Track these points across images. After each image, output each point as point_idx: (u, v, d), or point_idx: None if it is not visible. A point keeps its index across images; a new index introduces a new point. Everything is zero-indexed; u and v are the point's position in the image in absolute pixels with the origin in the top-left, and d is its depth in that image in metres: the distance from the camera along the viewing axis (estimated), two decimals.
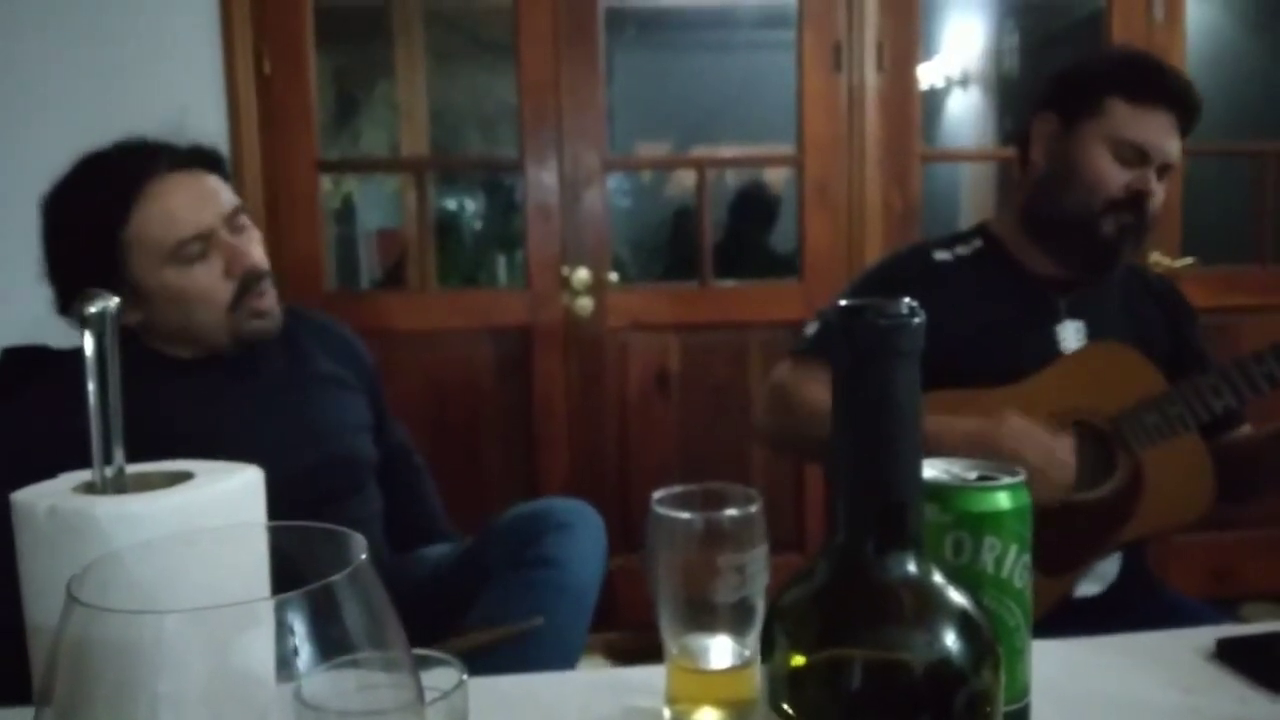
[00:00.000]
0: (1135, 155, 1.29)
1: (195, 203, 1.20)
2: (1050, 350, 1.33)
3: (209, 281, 1.20)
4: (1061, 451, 1.18)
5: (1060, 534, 1.22)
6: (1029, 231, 1.37)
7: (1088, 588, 1.31)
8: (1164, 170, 1.31)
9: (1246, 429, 1.35)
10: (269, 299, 1.25)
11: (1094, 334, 1.35)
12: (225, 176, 1.28)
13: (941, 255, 1.39)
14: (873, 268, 1.49)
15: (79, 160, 1.23)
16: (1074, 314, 1.34)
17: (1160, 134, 1.29)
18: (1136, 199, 1.29)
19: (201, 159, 1.25)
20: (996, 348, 1.29)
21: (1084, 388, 1.27)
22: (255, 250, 1.25)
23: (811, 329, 1.41)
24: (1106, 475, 1.26)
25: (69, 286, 1.21)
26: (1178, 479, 1.26)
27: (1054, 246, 1.35)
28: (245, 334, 1.24)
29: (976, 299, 1.33)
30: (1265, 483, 1.31)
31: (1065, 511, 1.23)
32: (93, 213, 1.19)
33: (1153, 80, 1.31)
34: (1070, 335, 1.34)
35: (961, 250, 1.40)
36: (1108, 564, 1.32)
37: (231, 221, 1.23)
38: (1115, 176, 1.29)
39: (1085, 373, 1.29)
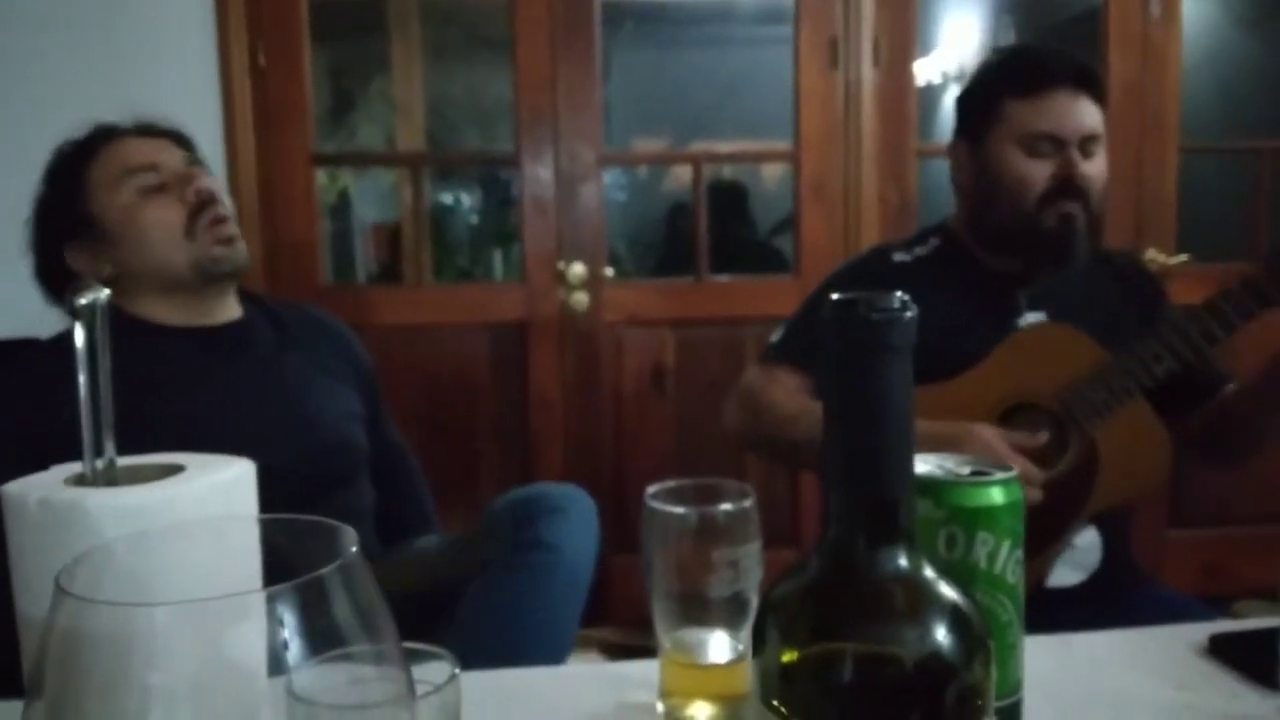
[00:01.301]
0: (1047, 143, 1.29)
1: (153, 147, 1.27)
2: None
3: (164, 209, 1.24)
4: (1024, 465, 1.16)
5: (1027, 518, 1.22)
6: (980, 242, 1.39)
7: (1069, 576, 1.31)
8: (1088, 144, 1.29)
9: (1232, 387, 1.34)
10: (229, 227, 1.27)
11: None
12: (186, 148, 1.33)
13: (900, 256, 1.41)
14: (833, 273, 1.50)
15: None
16: (1035, 306, 1.35)
17: (1064, 113, 1.28)
18: (1066, 184, 1.28)
19: (167, 133, 1.31)
20: (959, 345, 1.29)
21: (1028, 370, 1.27)
22: (214, 185, 1.28)
23: (778, 335, 1.43)
24: (1060, 454, 1.27)
25: (49, 252, 1.27)
26: (1132, 448, 1.26)
27: (1008, 252, 1.36)
28: (207, 263, 1.25)
29: (937, 298, 1.32)
30: (1249, 439, 1.31)
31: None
32: (62, 161, 1.27)
33: (1033, 67, 1.31)
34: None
35: (920, 250, 1.41)
36: (1088, 553, 1.32)
37: (186, 163, 1.29)
38: (1035, 171, 1.29)
39: (1027, 354, 1.29)
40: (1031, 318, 1.35)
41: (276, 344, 1.32)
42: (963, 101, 1.42)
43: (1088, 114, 1.30)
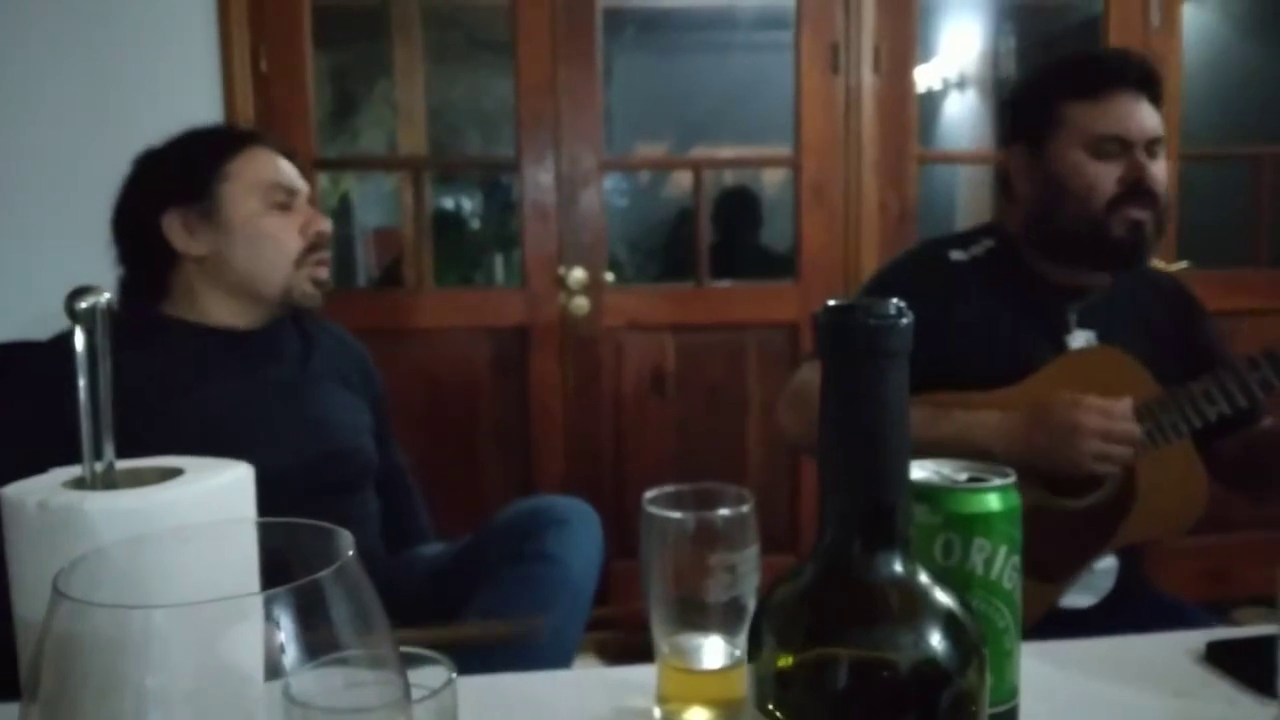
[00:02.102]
0: (1114, 145, 1.26)
1: (292, 170, 1.33)
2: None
3: (286, 231, 1.29)
4: (1121, 408, 1.16)
5: (1051, 540, 1.22)
6: (1041, 249, 1.35)
7: (1080, 599, 1.30)
8: (1153, 146, 1.28)
9: (1268, 422, 1.32)
10: (326, 270, 1.34)
11: (1104, 343, 1.33)
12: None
13: (958, 255, 1.36)
14: (889, 266, 1.47)
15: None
16: (1084, 324, 1.32)
17: (1129, 115, 1.26)
18: (1135, 186, 1.26)
19: (288, 151, 1.37)
20: (1007, 355, 1.28)
21: (1078, 391, 1.25)
22: (328, 227, 1.35)
23: None
24: (1098, 481, 1.26)
25: (149, 197, 1.28)
26: (1170, 485, 1.25)
27: (1070, 259, 1.32)
28: (296, 296, 1.31)
29: (990, 304, 1.32)
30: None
31: (1056, 517, 1.23)
32: (206, 141, 1.31)
33: (1097, 69, 1.29)
34: (1080, 345, 1.32)
35: (976, 250, 1.37)
36: (1103, 577, 1.31)
37: (309, 198, 1.36)
38: (1104, 174, 1.26)
39: (1079, 376, 1.27)
40: (1080, 335, 1.32)
41: (301, 353, 1.36)
42: (1018, 106, 1.38)
43: (1150, 116, 1.27)
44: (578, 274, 2.42)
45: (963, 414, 1.22)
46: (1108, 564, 1.31)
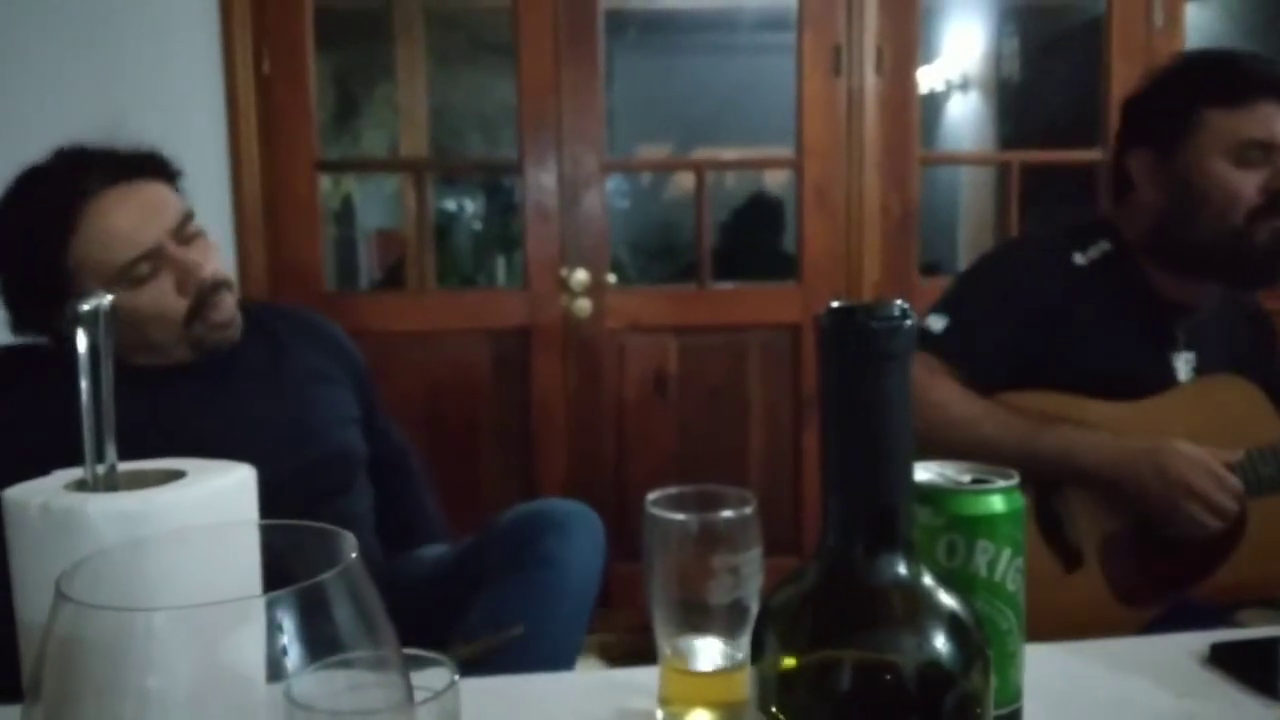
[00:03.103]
0: (1258, 152, 1.21)
1: (137, 220, 1.14)
2: (1166, 378, 1.28)
3: (161, 300, 1.16)
4: (1233, 481, 1.15)
5: (1148, 568, 1.20)
6: (1161, 260, 1.30)
7: None
8: None
9: None
10: (225, 309, 1.21)
11: (1202, 367, 1.30)
12: (172, 180, 1.23)
13: (1079, 259, 1.31)
14: (1004, 260, 1.40)
15: (18, 179, 1.18)
16: (1189, 344, 1.30)
17: (1272, 120, 1.21)
18: (1278, 197, 1.21)
19: (142, 167, 1.19)
20: (1115, 367, 1.25)
21: (1204, 421, 1.22)
22: (209, 261, 1.20)
23: (938, 323, 1.29)
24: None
25: (22, 308, 1.18)
26: (1277, 535, 1.21)
27: (1199, 272, 1.28)
28: (206, 345, 1.21)
29: (1103, 311, 1.28)
30: None
31: (1159, 547, 1.20)
32: (32, 240, 1.15)
33: (1238, 75, 1.24)
34: (1183, 366, 1.30)
35: (1093, 254, 1.31)
36: None
37: (180, 232, 1.18)
38: (1247, 183, 1.21)
39: (1207, 406, 1.24)
40: (1184, 356, 1.29)
41: (268, 357, 1.29)
42: (1146, 109, 1.31)
43: None
44: (580, 276, 2.42)
45: (1072, 431, 1.18)
46: None
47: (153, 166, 1.21)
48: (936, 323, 1.29)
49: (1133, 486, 1.15)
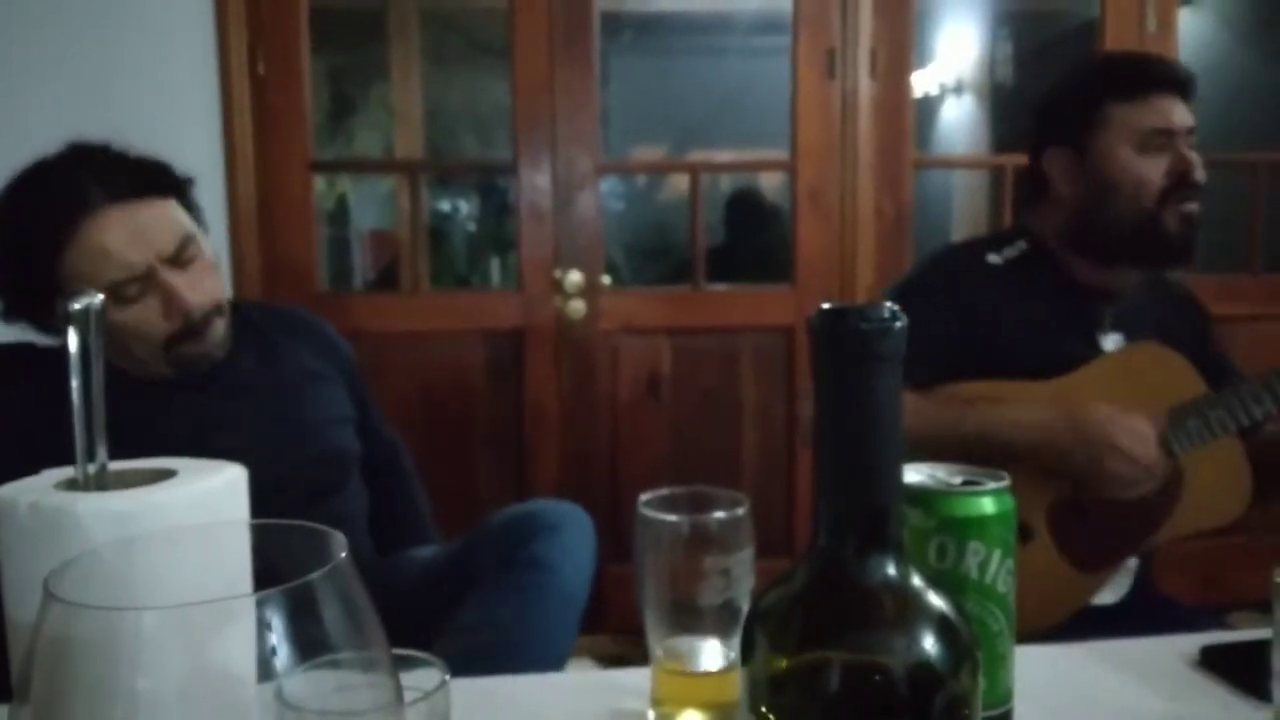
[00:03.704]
0: (1161, 139, 1.29)
1: (131, 241, 1.13)
2: (1096, 358, 1.33)
3: (146, 321, 1.15)
4: (1146, 433, 1.19)
5: (1097, 531, 1.24)
6: (1080, 250, 1.36)
7: (1103, 596, 1.31)
8: (1189, 137, 1.31)
9: (1271, 427, 1.33)
10: (211, 337, 1.20)
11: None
12: (180, 195, 1.22)
13: (994, 258, 1.38)
14: (928, 267, 1.47)
15: (23, 174, 1.17)
16: (1116, 326, 1.35)
17: (1170, 110, 1.30)
18: (1184, 177, 1.29)
19: (149, 183, 1.17)
20: (1046, 355, 1.29)
21: (1125, 387, 1.27)
22: (201, 286, 1.18)
23: None
24: None
25: (13, 302, 1.18)
26: (1215, 481, 1.27)
27: (1119, 258, 1.34)
28: (184, 365, 1.20)
29: (1027, 305, 1.34)
30: None
31: (1101, 508, 1.24)
32: (27, 244, 1.14)
33: (1141, 72, 1.33)
34: (1111, 346, 1.35)
35: (1010, 253, 1.39)
36: (1124, 576, 1.32)
37: (177, 256, 1.16)
38: (1153, 168, 1.29)
39: (1127, 372, 1.30)
40: (1112, 337, 1.34)
41: (260, 357, 1.29)
42: (1057, 110, 1.40)
43: (1187, 112, 1.32)
44: (574, 277, 2.42)
45: (989, 410, 1.23)
46: (1130, 562, 1.33)
47: (161, 182, 1.19)
48: None
49: (1055, 453, 1.20)
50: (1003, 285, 1.35)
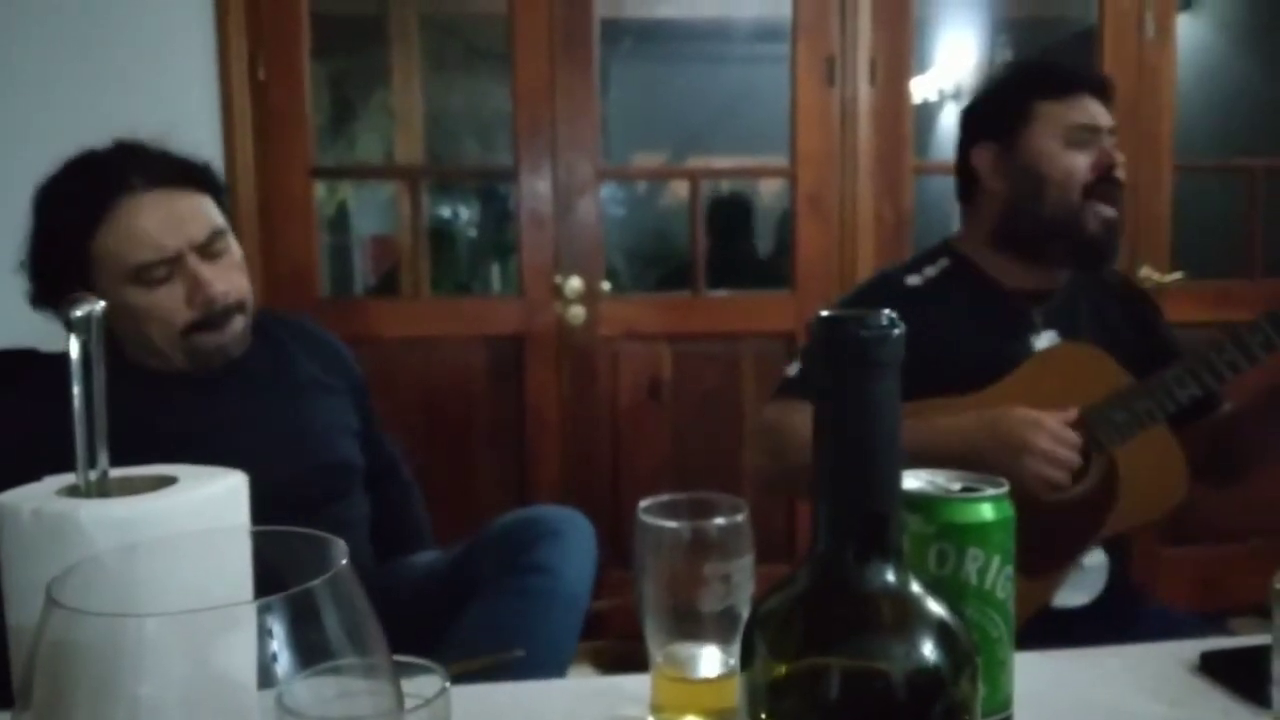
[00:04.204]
0: (1086, 133, 1.34)
1: (165, 226, 1.16)
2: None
3: (168, 306, 1.18)
4: (1071, 436, 1.20)
5: (1039, 536, 1.23)
6: (1006, 249, 1.39)
7: (1073, 598, 1.31)
8: (1111, 135, 1.36)
9: (1227, 407, 1.36)
10: (231, 331, 1.22)
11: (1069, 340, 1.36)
12: (216, 195, 1.25)
13: (913, 280, 1.40)
14: (846, 299, 1.51)
15: (70, 159, 1.21)
16: (1048, 325, 1.36)
17: (1095, 110, 1.35)
18: (1107, 173, 1.33)
19: (189, 177, 1.21)
20: (977, 364, 1.30)
21: (1050, 388, 1.28)
22: (228, 279, 1.21)
23: (794, 369, 1.41)
24: (1080, 474, 1.27)
25: (42, 283, 1.21)
26: (1150, 472, 1.28)
27: (1041, 257, 1.37)
28: (199, 358, 1.22)
29: (953, 318, 1.35)
30: (1246, 459, 1.33)
31: (1043, 513, 1.24)
32: (64, 221, 1.17)
33: (1065, 74, 1.38)
34: (1045, 344, 1.35)
35: (930, 271, 1.41)
36: (1094, 575, 1.32)
37: (207, 247, 1.19)
38: (1079, 161, 1.33)
39: (1051, 373, 1.30)
40: (1045, 335, 1.35)
41: (272, 365, 1.30)
42: (985, 108, 1.44)
43: (1108, 115, 1.38)
44: (574, 283, 2.42)
45: (911, 422, 1.22)
46: (1098, 561, 1.32)
47: (199, 177, 1.23)
48: (792, 369, 1.41)
49: (975, 458, 1.19)
50: (922, 305, 1.35)
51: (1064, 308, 1.38)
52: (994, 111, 1.42)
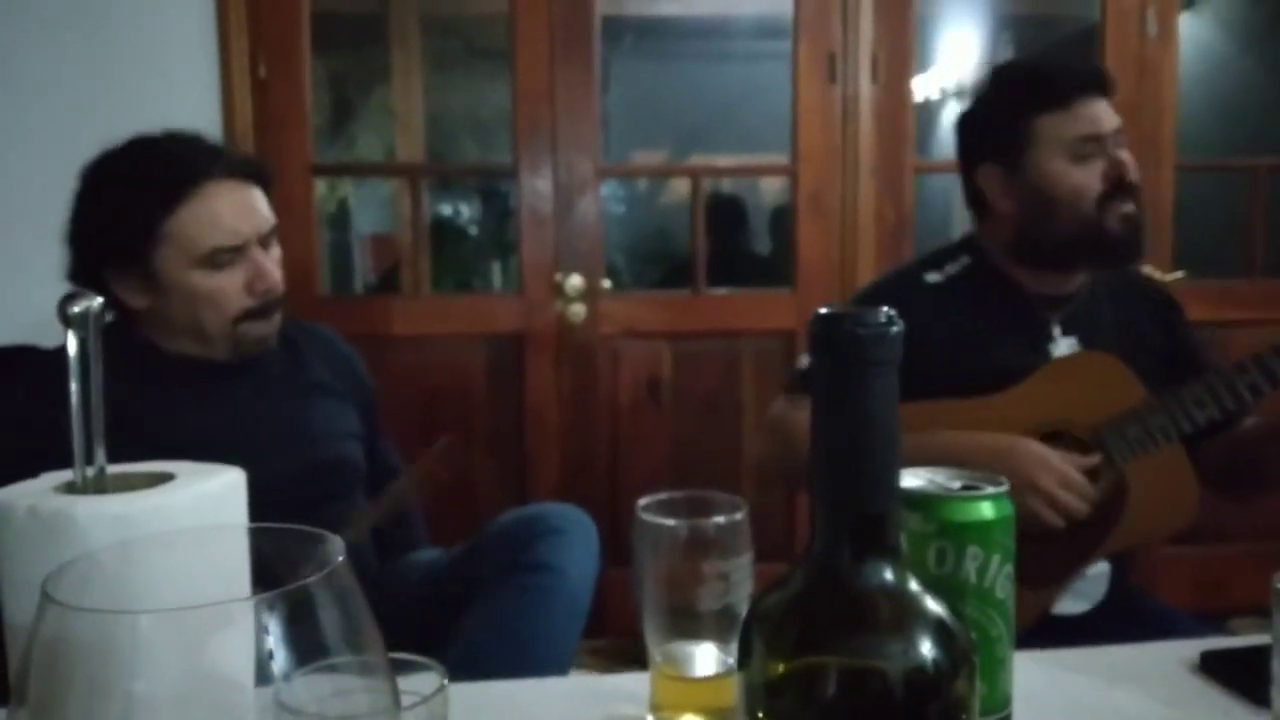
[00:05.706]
0: (1091, 144, 1.29)
1: (240, 213, 1.23)
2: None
3: (229, 291, 1.22)
4: (1081, 481, 1.18)
5: (1043, 546, 1.22)
6: (1028, 261, 1.35)
7: (1073, 605, 1.30)
8: (1119, 136, 1.31)
9: (1250, 422, 1.33)
10: (274, 323, 1.27)
11: (1086, 349, 1.34)
12: (269, 194, 1.31)
13: (933, 277, 1.37)
14: (864, 294, 1.48)
15: (132, 140, 1.23)
16: (1068, 331, 1.34)
17: (1096, 113, 1.30)
18: (1120, 180, 1.29)
19: (254, 172, 1.28)
20: (993, 367, 1.29)
21: (1066, 397, 1.26)
22: (278, 272, 1.27)
23: (804, 362, 1.39)
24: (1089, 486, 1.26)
25: (88, 257, 1.23)
26: (1160, 489, 1.26)
27: (1066, 264, 1.34)
28: (243, 346, 1.26)
29: (971, 320, 1.33)
30: (1268, 476, 1.30)
31: (1045, 529, 1.23)
32: (141, 195, 1.19)
33: (1061, 80, 1.32)
34: (1064, 352, 1.33)
35: (951, 269, 1.38)
36: (1095, 583, 1.31)
37: (266, 239, 1.26)
38: (1088, 174, 1.29)
39: (1067, 382, 1.29)
40: (1064, 342, 1.33)
41: (286, 364, 1.33)
42: (982, 128, 1.39)
43: (1112, 112, 1.32)
44: (574, 281, 2.42)
45: (925, 439, 1.20)
46: (1099, 569, 1.31)
47: (262, 174, 1.30)
48: (804, 361, 1.38)
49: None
50: (942, 302, 1.34)
51: (1086, 312, 1.35)
52: (993, 132, 1.37)
